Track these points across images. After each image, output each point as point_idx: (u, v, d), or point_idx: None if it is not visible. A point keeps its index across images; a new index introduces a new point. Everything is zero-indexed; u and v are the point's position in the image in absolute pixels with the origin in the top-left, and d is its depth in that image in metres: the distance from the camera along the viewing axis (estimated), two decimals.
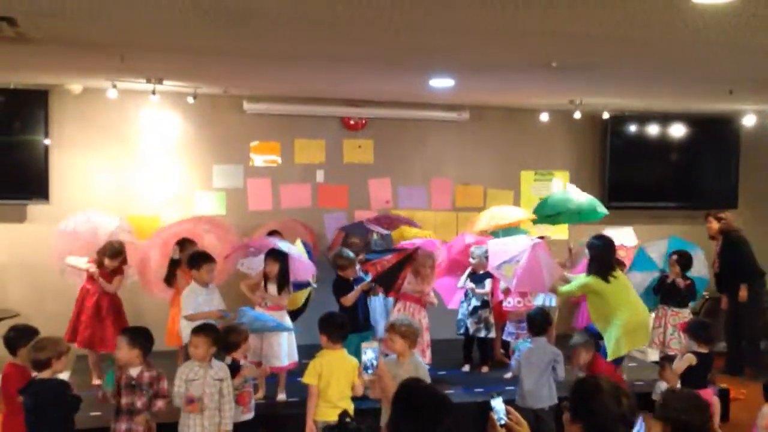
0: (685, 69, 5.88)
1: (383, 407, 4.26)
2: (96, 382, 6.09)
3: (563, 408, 2.74)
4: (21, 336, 4.78)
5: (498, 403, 2.82)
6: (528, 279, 6.17)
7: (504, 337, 6.97)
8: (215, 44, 5.02)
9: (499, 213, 7.62)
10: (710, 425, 3.22)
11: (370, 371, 2.93)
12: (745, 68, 5.73)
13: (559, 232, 8.47)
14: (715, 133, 9.24)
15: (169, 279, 6.44)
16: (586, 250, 6.20)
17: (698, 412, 3.15)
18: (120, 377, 4.49)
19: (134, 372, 4.50)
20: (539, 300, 7.10)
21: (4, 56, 5.42)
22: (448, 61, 5.70)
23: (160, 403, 4.48)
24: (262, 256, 6.12)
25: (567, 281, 6.26)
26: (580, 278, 6.11)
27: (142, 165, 7.72)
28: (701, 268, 7.27)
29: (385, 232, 7.45)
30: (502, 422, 2.79)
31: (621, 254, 7.01)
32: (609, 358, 5.74)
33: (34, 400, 4.31)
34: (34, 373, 4.43)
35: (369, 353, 2.96)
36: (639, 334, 5.85)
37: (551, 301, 7.20)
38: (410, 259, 6.31)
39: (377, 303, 6.95)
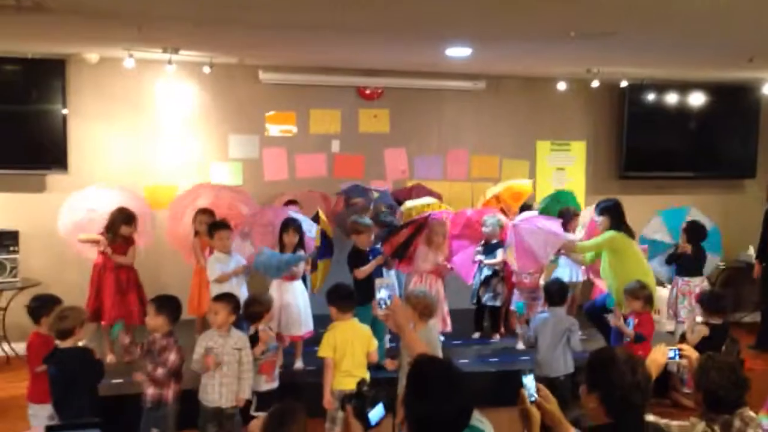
0: (705, 36, 5.79)
1: (400, 377, 4.32)
2: (110, 358, 6.14)
3: (579, 381, 2.77)
4: (44, 305, 4.85)
5: (529, 380, 2.84)
6: (525, 259, 6.37)
7: (512, 308, 6.96)
8: (231, 13, 5.01)
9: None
10: (744, 401, 3.20)
11: (383, 307, 2.96)
12: (766, 36, 5.65)
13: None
14: (734, 102, 9.13)
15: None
16: (597, 217, 6.24)
17: (736, 389, 3.15)
18: (143, 343, 4.58)
19: (152, 337, 4.57)
20: (566, 274, 7.09)
21: (21, 26, 5.45)
22: (465, 30, 5.65)
23: (172, 357, 4.54)
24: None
25: (572, 244, 6.44)
26: (602, 235, 6.16)
27: (158, 135, 7.76)
28: (715, 244, 7.27)
29: (382, 189, 7.41)
30: (533, 399, 2.80)
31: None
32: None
33: (60, 369, 4.39)
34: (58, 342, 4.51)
35: (383, 291, 2.98)
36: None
37: (578, 276, 7.19)
38: (422, 228, 6.34)
39: (392, 277, 6.99)
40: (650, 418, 3.19)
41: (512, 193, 7.60)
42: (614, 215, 6.17)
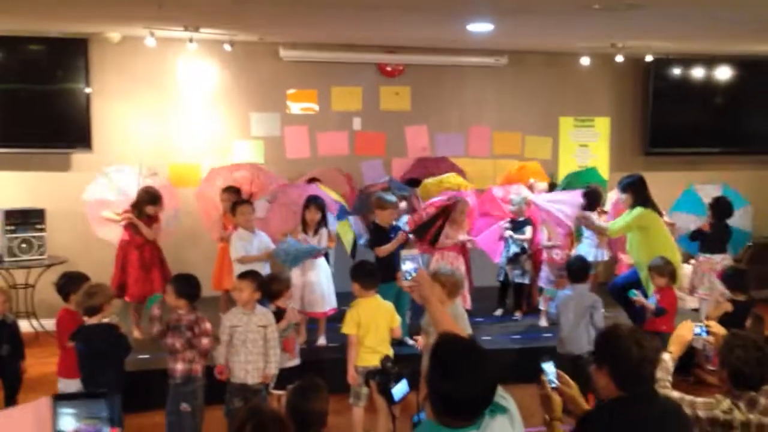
0: (733, 8, 5.67)
1: (423, 353, 4.33)
2: (136, 334, 6.22)
3: (589, 359, 2.78)
4: (72, 282, 4.92)
5: (549, 366, 2.89)
6: (553, 229, 6.53)
7: (540, 284, 6.96)
8: None
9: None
10: None
11: (408, 279, 2.94)
12: None
13: None
14: (762, 76, 8.95)
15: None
16: (621, 195, 6.18)
17: (760, 366, 3.12)
18: (169, 319, 4.62)
19: (177, 314, 4.62)
20: (590, 254, 7.04)
21: (44, 5, 5.46)
22: (486, 4, 5.58)
23: (204, 341, 4.58)
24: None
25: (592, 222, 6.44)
26: (629, 213, 6.10)
27: (180, 113, 7.79)
28: (745, 221, 7.16)
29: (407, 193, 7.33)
30: (554, 385, 2.85)
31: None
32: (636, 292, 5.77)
33: (87, 346, 4.46)
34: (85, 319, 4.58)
35: (408, 263, 2.96)
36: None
37: (602, 255, 7.15)
38: (448, 210, 6.33)
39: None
40: (674, 394, 3.18)
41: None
42: (638, 191, 6.09)
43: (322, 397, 3.09)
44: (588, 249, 7.07)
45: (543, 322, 6.77)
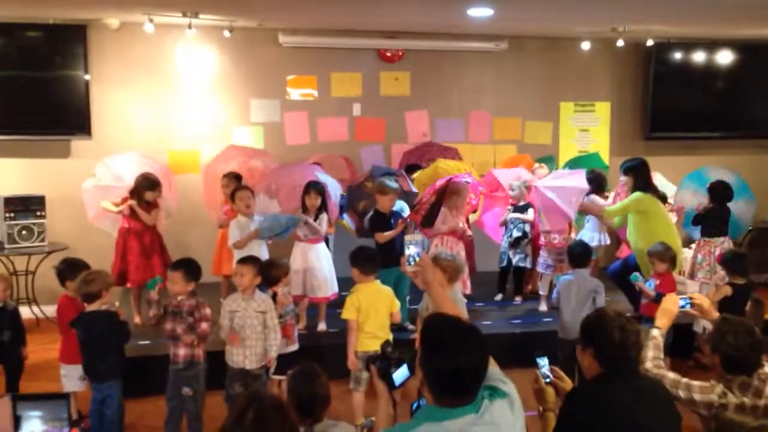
0: None
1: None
2: (137, 320, 6.24)
3: (576, 341, 2.89)
4: (71, 269, 4.93)
5: (543, 361, 2.97)
6: (554, 217, 6.41)
7: (538, 269, 6.95)
8: None
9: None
10: (761, 362, 3.19)
11: (412, 263, 2.94)
12: None
13: None
14: (763, 60, 8.92)
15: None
16: (622, 177, 6.18)
17: (753, 352, 3.13)
18: (168, 304, 4.62)
19: (176, 300, 4.62)
20: (593, 238, 7.04)
21: None
22: None
23: (204, 326, 4.59)
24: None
25: (597, 207, 6.42)
26: (628, 197, 6.11)
27: (180, 100, 7.77)
28: (746, 213, 7.17)
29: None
30: (548, 380, 2.95)
31: None
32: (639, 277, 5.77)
33: (86, 332, 4.48)
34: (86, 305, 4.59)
35: (412, 247, 2.95)
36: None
37: (605, 239, 7.14)
38: (444, 192, 6.32)
39: None
40: (670, 375, 3.21)
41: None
42: (639, 175, 6.08)
43: (323, 380, 3.11)
44: (590, 233, 7.07)
45: (543, 307, 6.78)
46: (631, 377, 2.76)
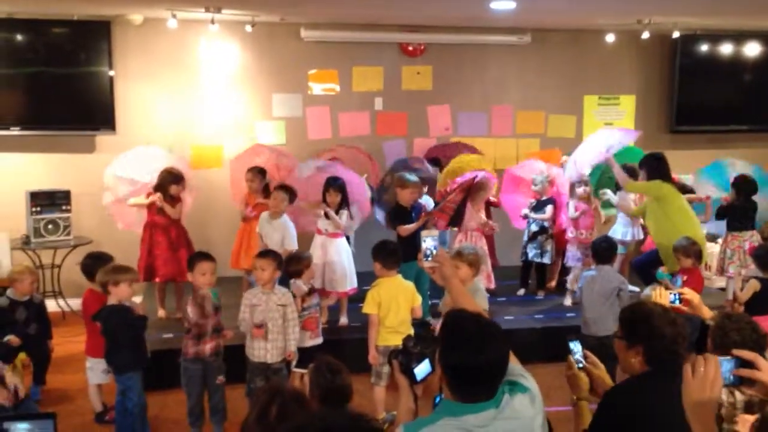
0: None
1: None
2: (162, 313, 6.29)
3: (615, 337, 2.75)
4: (97, 263, 4.97)
5: (576, 345, 2.85)
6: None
7: (567, 263, 6.90)
8: None
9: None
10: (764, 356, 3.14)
11: (429, 258, 2.89)
12: None
13: None
14: None
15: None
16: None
17: (757, 347, 3.08)
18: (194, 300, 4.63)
19: (202, 292, 4.62)
20: (626, 233, 6.99)
21: None
22: None
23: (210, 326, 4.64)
24: None
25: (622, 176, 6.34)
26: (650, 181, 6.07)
27: (203, 95, 7.81)
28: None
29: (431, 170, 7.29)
30: (581, 365, 2.83)
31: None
32: (665, 273, 5.69)
33: (105, 325, 4.54)
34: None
35: (428, 241, 2.91)
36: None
37: (636, 234, 7.07)
38: (470, 190, 6.31)
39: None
40: None
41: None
42: (652, 167, 6.00)
43: (345, 373, 3.12)
44: (622, 228, 7.01)
45: (568, 302, 6.73)
46: (675, 375, 2.66)
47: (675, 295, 3.54)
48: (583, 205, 6.70)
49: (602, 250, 5.53)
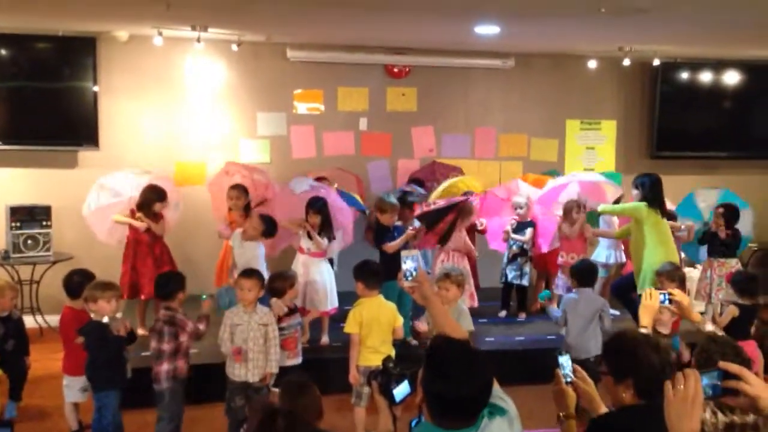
0: (740, 12, 5.66)
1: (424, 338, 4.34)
2: (141, 331, 6.24)
3: (601, 373, 2.66)
4: (85, 281, 4.90)
5: (565, 360, 2.79)
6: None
7: (557, 291, 6.89)
8: None
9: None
10: None
11: (409, 278, 2.88)
12: None
13: None
14: None
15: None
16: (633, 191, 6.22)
17: None
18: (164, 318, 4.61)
19: (172, 314, 4.61)
20: (610, 256, 7.07)
21: (53, 3, 5.48)
22: (493, 7, 5.58)
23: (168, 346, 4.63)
24: None
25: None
26: (631, 203, 6.23)
27: (187, 112, 7.81)
28: (746, 226, 7.19)
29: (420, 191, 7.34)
30: (569, 380, 2.76)
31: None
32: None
33: (87, 340, 4.51)
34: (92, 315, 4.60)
35: (408, 262, 2.90)
36: None
37: (620, 257, 7.14)
38: (457, 205, 6.35)
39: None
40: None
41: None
42: (646, 189, 6.11)
43: (315, 393, 3.11)
44: (605, 251, 7.08)
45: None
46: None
47: (665, 294, 3.57)
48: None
49: (584, 273, 5.55)
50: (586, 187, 6.91)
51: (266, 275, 5.41)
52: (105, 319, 4.54)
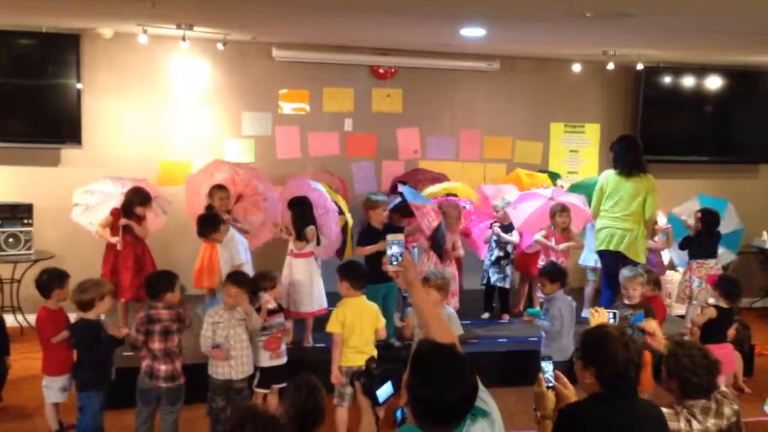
0: (724, 18, 5.71)
1: (413, 344, 4.35)
2: (125, 331, 6.18)
3: (575, 358, 2.84)
4: (53, 279, 4.89)
5: (548, 366, 2.91)
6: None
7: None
8: None
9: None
10: (716, 383, 3.25)
11: (394, 263, 2.86)
12: None
13: None
14: (751, 86, 9.04)
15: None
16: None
17: (707, 374, 3.18)
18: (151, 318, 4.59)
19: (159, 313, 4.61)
20: (590, 260, 7.15)
21: None
22: (479, 9, 5.60)
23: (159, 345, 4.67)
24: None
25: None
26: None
27: (172, 111, 7.77)
28: (733, 220, 7.31)
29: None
30: (550, 384, 2.89)
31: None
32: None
33: (74, 339, 4.48)
34: (74, 314, 4.57)
35: (394, 247, 2.87)
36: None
37: (598, 262, 7.17)
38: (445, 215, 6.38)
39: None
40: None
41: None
42: (615, 154, 6.77)
43: (323, 395, 3.12)
44: (592, 254, 7.11)
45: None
46: (632, 399, 2.73)
47: (610, 313, 3.70)
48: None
49: (553, 274, 5.54)
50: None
51: (250, 267, 5.58)
52: (102, 317, 4.54)
